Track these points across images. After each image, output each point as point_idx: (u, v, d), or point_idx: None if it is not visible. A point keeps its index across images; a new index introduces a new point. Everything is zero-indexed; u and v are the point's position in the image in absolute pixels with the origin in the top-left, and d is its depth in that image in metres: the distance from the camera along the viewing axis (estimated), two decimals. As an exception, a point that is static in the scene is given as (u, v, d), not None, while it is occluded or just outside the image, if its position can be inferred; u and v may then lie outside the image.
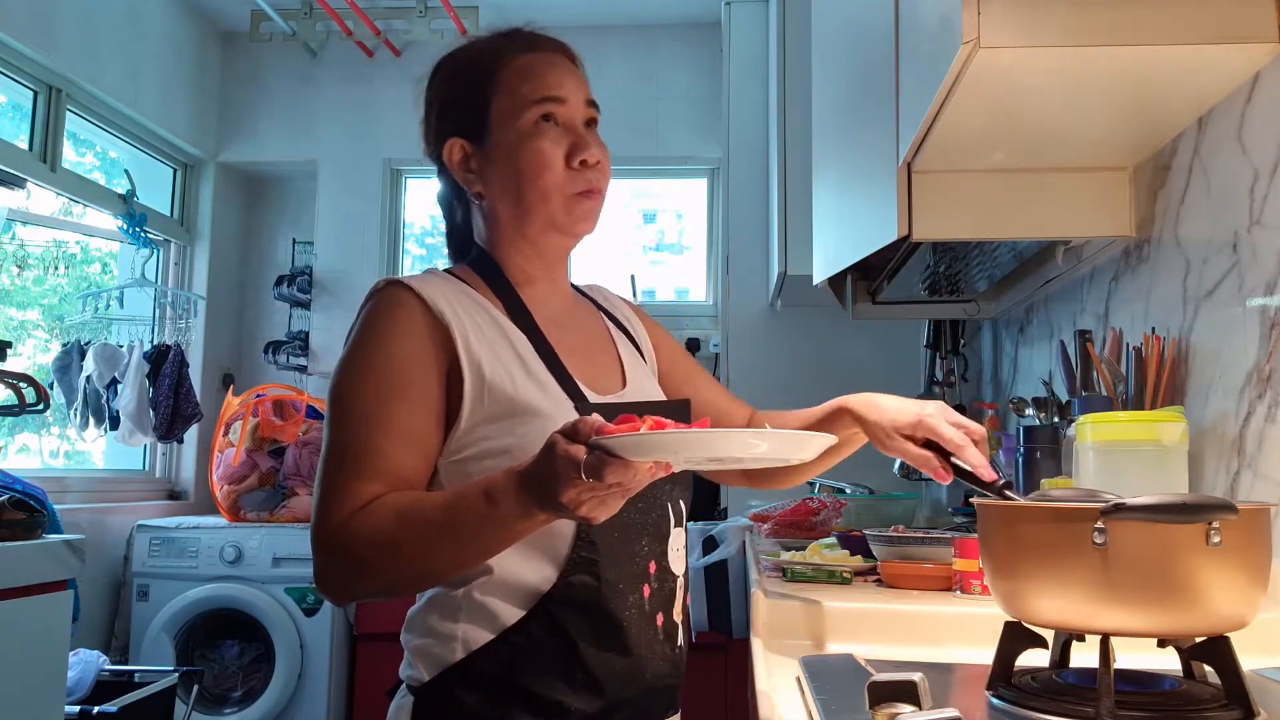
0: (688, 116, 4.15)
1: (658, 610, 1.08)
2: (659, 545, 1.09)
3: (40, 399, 2.45)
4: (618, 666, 1.03)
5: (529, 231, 1.12)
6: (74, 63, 3.33)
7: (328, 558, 0.98)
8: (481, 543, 0.92)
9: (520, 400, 1.02)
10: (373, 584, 0.97)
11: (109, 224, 3.74)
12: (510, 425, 1.02)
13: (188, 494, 4.02)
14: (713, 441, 0.82)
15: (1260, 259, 1.27)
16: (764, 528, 2.27)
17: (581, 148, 1.10)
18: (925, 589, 1.38)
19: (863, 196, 1.95)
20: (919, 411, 1.12)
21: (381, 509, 0.96)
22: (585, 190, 1.10)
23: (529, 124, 1.09)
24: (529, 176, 1.09)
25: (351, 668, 3.51)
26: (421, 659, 1.04)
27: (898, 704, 0.66)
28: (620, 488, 0.82)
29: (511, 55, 1.13)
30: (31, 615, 2.08)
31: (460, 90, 1.16)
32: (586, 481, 0.81)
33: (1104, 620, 0.76)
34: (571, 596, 1.01)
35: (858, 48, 1.97)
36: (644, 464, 0.81)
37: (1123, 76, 1.28)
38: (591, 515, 0.84)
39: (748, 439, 0.83)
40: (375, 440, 0.99)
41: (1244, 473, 1.30)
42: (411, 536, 0.94)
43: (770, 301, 3.57)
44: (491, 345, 1.05)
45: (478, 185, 1.14)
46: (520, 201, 1.10)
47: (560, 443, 0.82)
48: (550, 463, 0.83)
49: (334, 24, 4.01)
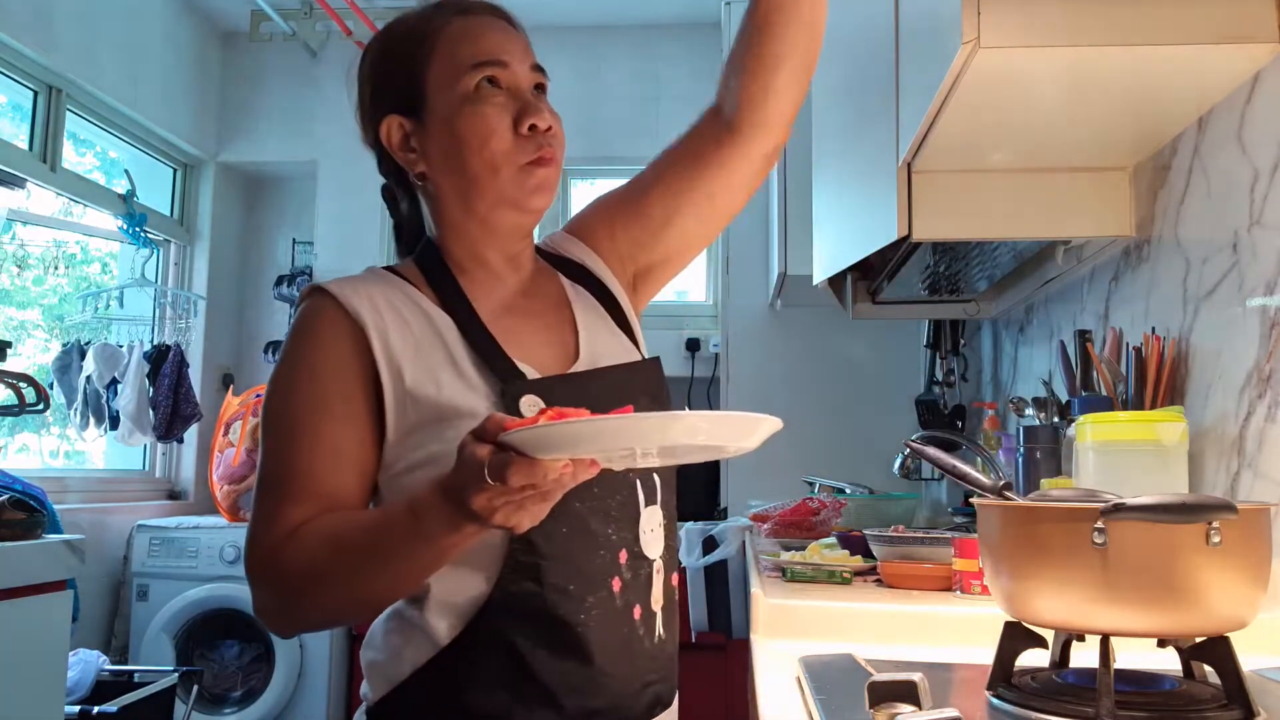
0: (688, 116, 4.11)
1: (633, 603, 0.98)
2: (628, 531, 0.98)
3: (40, 399, 2.45)
4: (576, 677, 0.94)
5: (478, 208, 1.02)
6: (74, 63, 3.33)
7: (263, 590, 0.92)
8: (415, 562, 0.85)
9: (444, 403, 0.94)
10: (312, 615, 0.93)
11: (109, 224, 3.74)
12: (438, 430, 0.93)
13: (187, 494, 4.02)
14: (632, 429, 0.69)
15: (1260, 259, 1.27)
16: (764, 528, 2.27)
17: (530, 111, 0.99)
18: (925, 589, 1.38)
19: (863, 196, 1.95)
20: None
21: (309, 537, 0.90)
22: (536, 158, 1.00)
23: (468, 89, 0.99)
24: (473, 146, 0.99)
25: (351, 668, 3.51)
26: (374, 674, 0.99)
27: (898, 704, 0.66)
28: (534, 490, 0.73)
29: (444, 20, 1.03)
30: (31, 615, 2.08)
31: (392, 64, 1.05)
32: (494, 486, 0.72)
33: (1104, 620, 0.76)
34: (511, 606, 0.93)
35: (858, 48, 1.97)
36: (554, 462, 0.71)
37: (1123, 76, 1.28)
38: (509, 524, 0.76)
39: (685, 422, 0.69)
40: (303, 460, 0.93)
41: (1244, 473, 1.30)
42: (341, 564, 0.88)
43: (770, 301, 3.57)
44: (416, 345, 0.97)
45: (420, 165, 1.04)
46: (465, 174, 1.00)
47: (468, 444, 0.74)
48: (460, 467, 0.75)
49: (334, 24, 4.01)
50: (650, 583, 1.01)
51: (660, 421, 0.69)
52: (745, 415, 0.71)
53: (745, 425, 0.71)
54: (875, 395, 3.55)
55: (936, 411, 2.94)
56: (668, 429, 0.69)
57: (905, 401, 3.19)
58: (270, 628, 0.94)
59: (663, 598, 1.02)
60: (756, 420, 0.71)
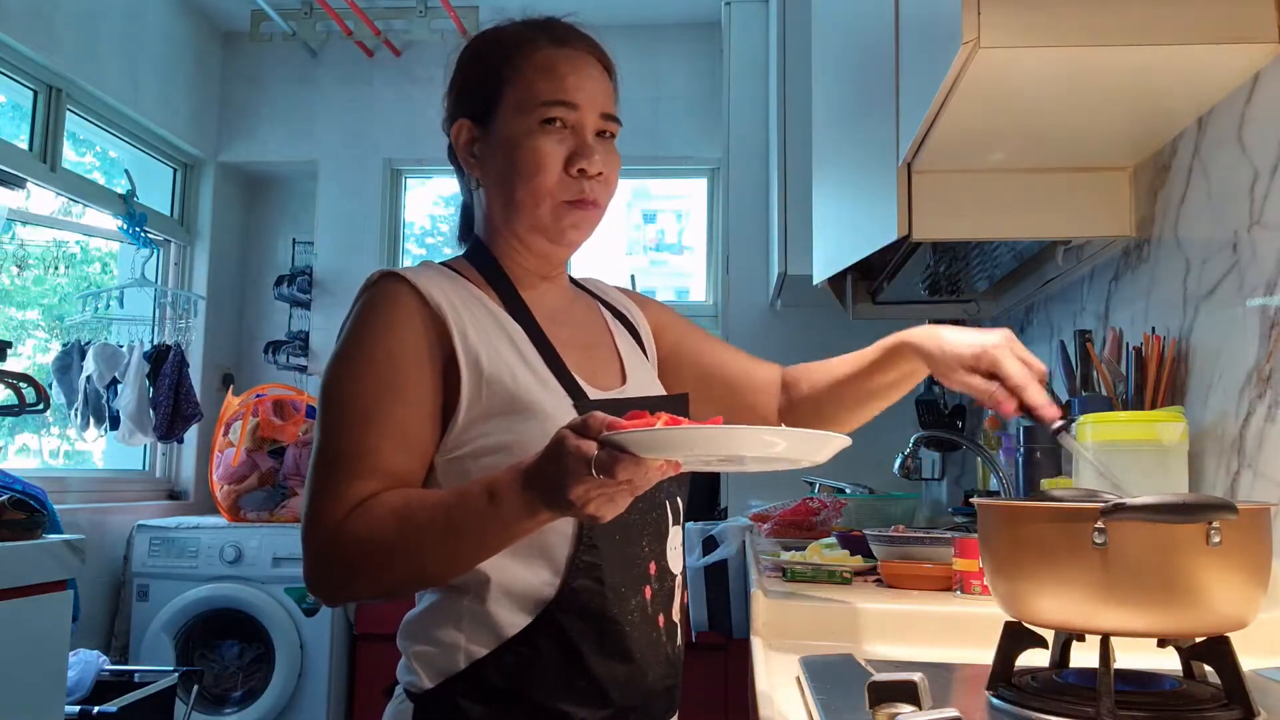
0: (688, 116, 4.15)
1: (659, 611, 1.06)
2: (659, 545, 1.07)
3: (40, 399, 2.45)
4: (620, 673, 1.01)
5: (516, 229, 1.09)
6: (74, 63, 3.33)
7: (321, 559, 0.95)
8: (481, 543, 0.90)
9: (520, 396, 1.00)
10: (368, 586, 0.95)
11: (109, 224, 3.74)
12: (509, 422, 0.99)
13: (188, 494, 4.02)
14: (728, 438, 0.80)
15: (1260, 259, 1.27)
16: (764, 528, 2.27)
17: (583, 154, 1.05)
18: (925, 589, 1.38)
19: (863, 196, 1.95)
20: (983, 342, 1.08)
21: (377, 509, 0.94)
22: (578, 199, 1.06)
23: (534, 122, 1.05)
24: (524, 175, 1.05)
25: (351, 668, 3.51)
26: (423, 665, 1.01)
27: (898, 704, 0.66)
28: (630, 485, 0.80)
29: (537, 47, 1.08)
30: (31, 615, 2.08)
31: (479, 72, 1.11)
32: (596, 478, 0.79)
33: (1104, 620, 0.76)
34: (575, 603, 0.99)
35: (858, 48, 1.97)
36: (655, 461, 0.79)
37: (1123, 76, 1.28)
38: (599, 513, 0.82)
39: (764, 436, 0.81)
40: (370, 439, 0.97)
41: (1244, 473, 1.30)
42: (410, 537, 0.92)
43: (770, 301, 3.57)
44: (489, 339, 1.02)
45: (477, 171, 1.11)
46: (511, 199, 1.07)
47: (570, 438, 0.81)
48: (559, 459, 0.81)
49: (334, 24, 4.01)
50: (673, 595, 1.09)
51: (757, 434, 0.81)
52: (817, 433, 0.83)
53: (816, 442, 0.83)
54: (875, 395, 3.55)
55: (936, 411, 2.94)
56: (749, 440, 0.81)
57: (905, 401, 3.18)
58: (319, 595, 0.98)
59: (678, 611, 1.11)
60: (827, 438, 0.83)
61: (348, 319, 1.03)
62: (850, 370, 1.23)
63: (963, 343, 1.10)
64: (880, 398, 1.23)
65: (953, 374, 1.11)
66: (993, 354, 1.07)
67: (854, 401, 1.24)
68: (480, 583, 0.99)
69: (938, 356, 1.12)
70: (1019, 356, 1.08)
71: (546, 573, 0.99)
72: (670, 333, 1.27)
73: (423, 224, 4.52)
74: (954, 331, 1.12)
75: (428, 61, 4.20)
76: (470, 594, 1.00)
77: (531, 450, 0.85)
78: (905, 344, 1.16)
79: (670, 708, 1.10)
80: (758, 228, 3.66)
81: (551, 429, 0.84)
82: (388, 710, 1.05)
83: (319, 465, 0.98)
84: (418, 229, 4.51)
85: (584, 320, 1.18)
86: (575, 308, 1.18)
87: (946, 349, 1.11)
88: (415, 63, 4.23)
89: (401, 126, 4.19)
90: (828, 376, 1.26)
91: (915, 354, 1.15)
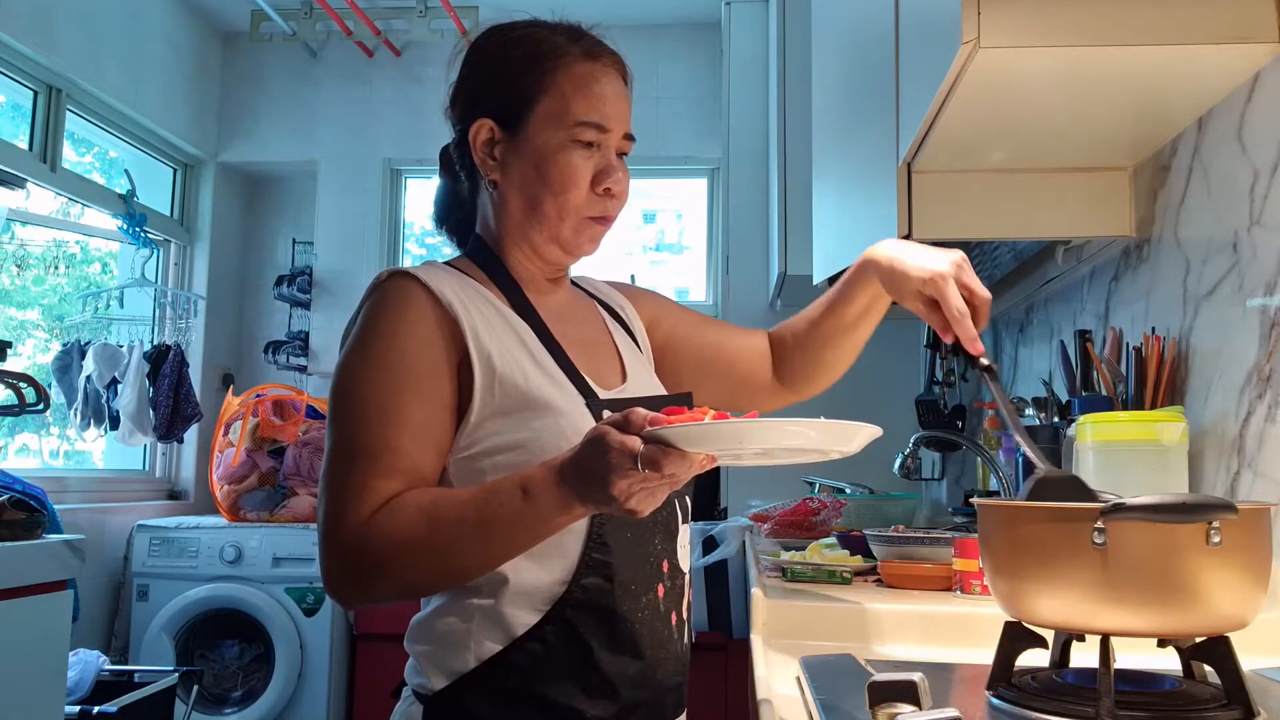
0: (688, 116, 4.15)
1: (671, 609, 1.07)
2: (670, 543, 1.08)
3: (40, 399, 2.45)
4: (631, 670, 1.01)
5: (533, 237, 1.10)
6: (74, 63, 3.33)
7: (346, 561, 0.94)
8: (512, 540, 0.91)
9: (533, 394, 1.00)
10: (393, 586, 0.94)
11: (109, 224, 3.74)
12: (524, 419, 0.99)
13: (188, 494, 4.02)
14: (769, 431, 0.81)
15: (1260, 259, 1.27)
16: (764, 528, 2.27)
17: (608, 174, 1.08)
18: (925, 589, 1.38)
19: (863, 196, 1.95)
20: (932, 268, 1.09)
21: (404, 508, 0.93)
22: (600, 216, 1.09)
23: (567, 139, 1.06)
24: (553, 189, 1.06)
25: (351, 668, 3.51)
26: (432, 666, 1.01)
27: (898, 704, 0.66)
28: (672, 479, 0.82)
29: (572, 59, 1.08)
30: (31, 615, 2.08)
31: (508, 74, 1.09)
32: (640, 473, 0.80)
33: (1104, 620, 0.75)
34: (585, 599, 0.99)
35: (858, 48, 1.97)
36: (698, 456, 0.81)
37: (1123, 76, 1.28)
38: (639, 508, 0.84)
39: (800, 429, 0.82)
40: (390, 436, 0.96)
41: (1244, 473, 1.30)
42: (440, 536, 0.91)
43: (770, 301, 3.57)
44: (500, 338, 1.03)
45: (496, 173, 1.10)
46: (536, 208, 1.08)
47: (612, 433, 0.82)
48: (601, 454, 0.82)
49: (334, 24, 4.01)
50: (683, 593, 1.11)
51: (795, 426, 0.82)
52: (848, 423, 0.84)
53: (848, 431, 0.84)
54: (875, 395, 3.54)
55: (936, 411, 2.94)
56: (800, 432, 0.82)
57: (905, 401, 3.19)
58: (339, 597, 0.96)
59: (687, 609, 1.13)
60: (857, 428, 0.84)
61: (357, 318, 1.03)
62: (824, 307, 1.25)
63: (915, 265, 1.11)
64: (859, 327, 1.24)
65: (904, 297, 1.13)
66: (938, 284, 1.08)
67: (834, 338, 1.25)
68: (496, 583, 0.99)
69: (890, 277, 1.14)
70: (965, 284, 1.08)
71: (558, 570, 1.00)
72: (664, 324, 1.29)
73: (423, 224, 4.52)
74: (913, 252, 1.13)
75: (428, 61, 4.20)
76: (483, 593, 1.00)
77: (546, 448, 0.86)
78: (868, 261, 1.18)
79: (679, 705, 1.10)
80: (758, 228, 3.66)
81: (565, 426, 0.84)
82: (396, 712, 1.05)
83: (337, 465, 0.96)
84: (418, 229, 4.51)
85: (585, 319, 1.19)
86: (577, 307, 1.19)
87: (897, 269, 1.12)
88: (415, 63, 4.23)
89: (401, 126, 4.19)
90: (805, 321, 1.28)
91: (875, 272, 1.16)
